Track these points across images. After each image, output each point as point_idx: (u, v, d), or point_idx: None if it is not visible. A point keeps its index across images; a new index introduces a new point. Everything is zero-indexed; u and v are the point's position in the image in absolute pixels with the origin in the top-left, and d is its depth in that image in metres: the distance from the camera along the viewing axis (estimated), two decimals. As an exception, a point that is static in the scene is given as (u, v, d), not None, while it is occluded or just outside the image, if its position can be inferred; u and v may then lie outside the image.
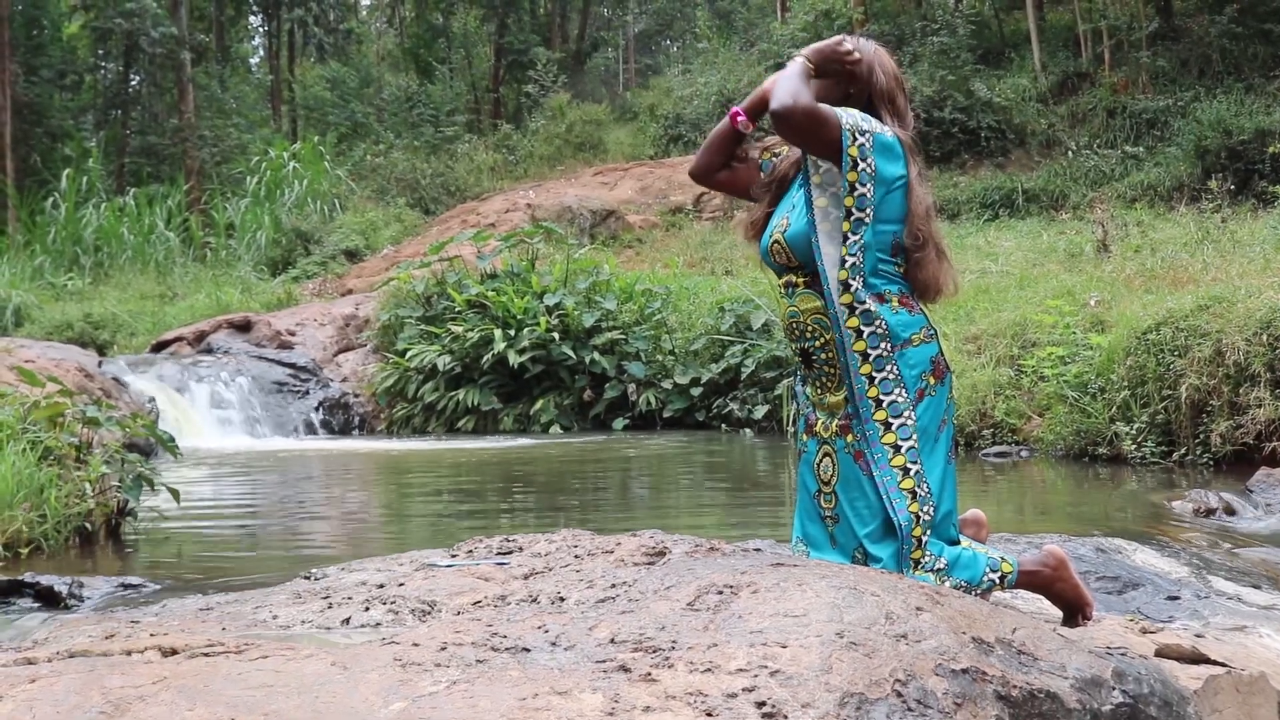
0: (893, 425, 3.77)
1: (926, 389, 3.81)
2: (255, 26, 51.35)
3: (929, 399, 3.82)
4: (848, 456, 3.81)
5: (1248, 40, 25.55)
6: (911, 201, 3.83)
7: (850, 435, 3.80)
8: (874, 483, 3.77)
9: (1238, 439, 9.47)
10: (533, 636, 2.70)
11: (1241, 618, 4.37)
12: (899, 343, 3.78)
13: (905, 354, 3.79)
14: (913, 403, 3.78)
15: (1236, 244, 14.93)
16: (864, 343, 3.76)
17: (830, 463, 3.85)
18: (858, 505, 3.79)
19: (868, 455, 3.78)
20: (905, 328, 3.81)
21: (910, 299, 3.86)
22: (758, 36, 37.68)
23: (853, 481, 3.80)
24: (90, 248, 29.84)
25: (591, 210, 26.07)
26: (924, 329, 3.85)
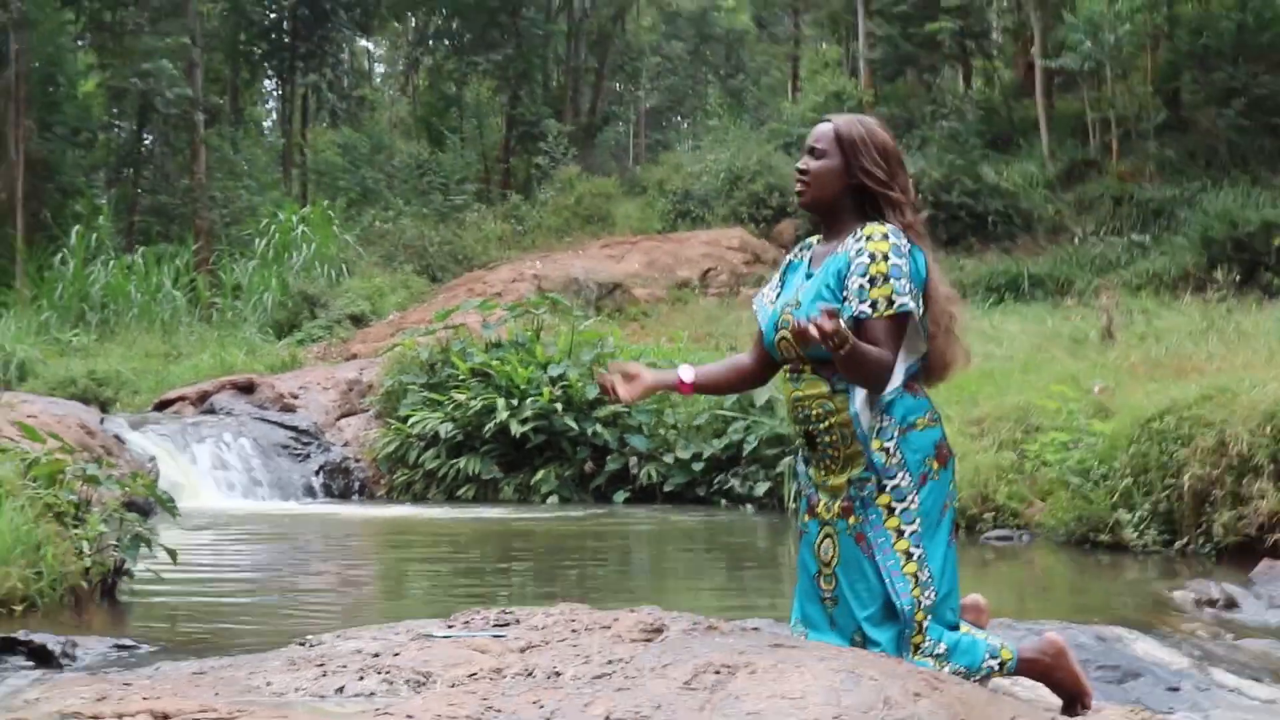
0: (896, 509, 3.76)
1: (929, 473, 3.80)
2: (269, 90, 51.67)
3: (932, 483, 3.81)
4: (849, 539, 3.79)
5: (1254, 134, 25.73)
6: (931, 289, 3.86)
7: (853, 517, 3.79)
8: (875, 566, 3.75)
9: (1240, 530, 9.43)
10: (527, 711, 2.68)
11: (1243, 711, 4.34)
12: (904, 426, 3.78)
13: (909, 438, 3.78)
14: (916, 487, 3.77)
15: (1241, 335, 14.95)
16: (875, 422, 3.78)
17: (831, 544, 3.83)
18: (858, 588, 3.77)
19: (870, 538, 3.77)
20: (911, 412, 3.81)
21: (915, 382, 3.87)
22: (768, 115, 37.98)
23: (854, 564, 3.78)
24: (97, 304, 29.85)
25: (598, 282, 26.12)
26: (928, 413, 3.85)
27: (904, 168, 4.02)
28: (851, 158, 3.93)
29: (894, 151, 4.00)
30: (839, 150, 3.94)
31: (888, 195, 3.91)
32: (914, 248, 3.86)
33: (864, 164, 3.92)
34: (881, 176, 3.91)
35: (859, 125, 4.00)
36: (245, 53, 44.21)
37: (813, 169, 3.98)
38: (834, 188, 3.95)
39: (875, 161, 3.92)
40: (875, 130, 4.00)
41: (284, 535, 12.44)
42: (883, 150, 3.95)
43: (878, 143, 3.95)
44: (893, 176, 3.94)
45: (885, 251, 3.77)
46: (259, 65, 45.89)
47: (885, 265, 3.74)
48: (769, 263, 27.69)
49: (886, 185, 3.92)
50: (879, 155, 3.93)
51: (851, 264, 3.81)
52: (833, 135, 3.98)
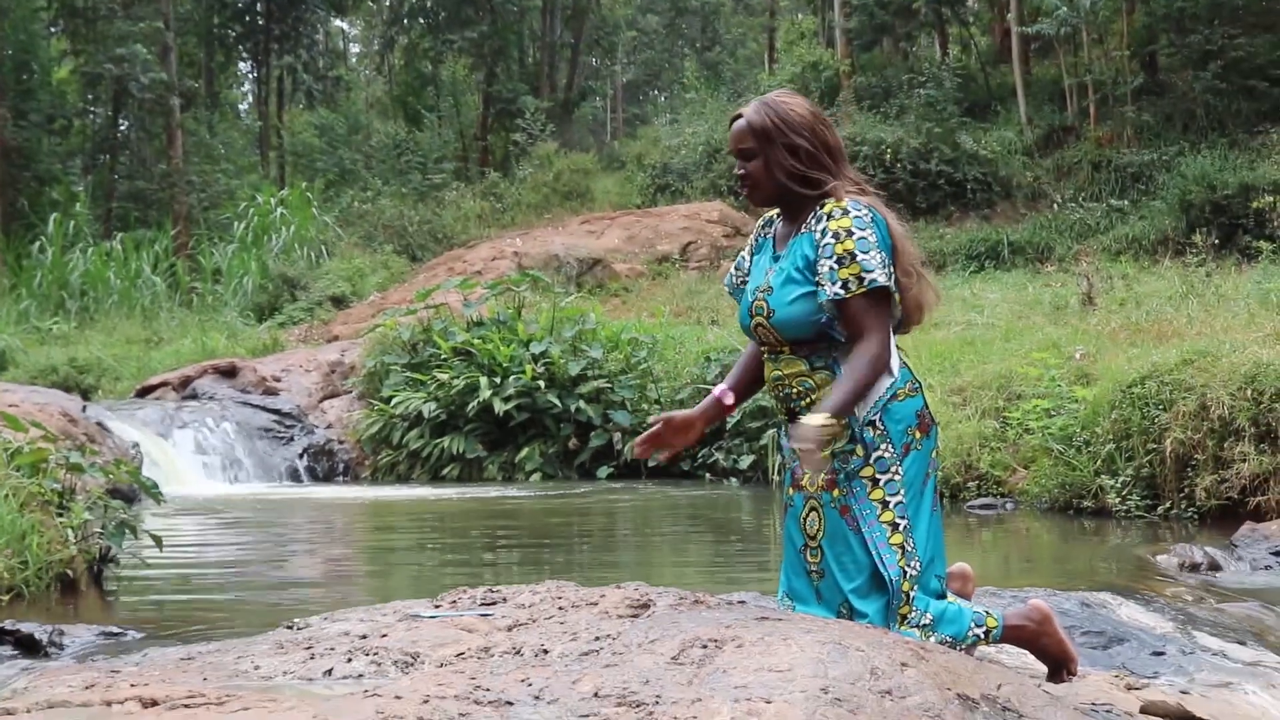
0: (880, 481, 3.77)
1: (912, 443, 3.81)
2: (245, 73, 51.50)
3: (915, 453, 3.81)
4: (834, 511, 3.79)
5: (1231, 96, 25.76)
6: (895, 243, 3.84)
7: (837, 490, 3.79)
8: (861, 538, 3.76)
9: (1222, 493, 9.48)
10: (516, 689, 2.69)
11: (1226, 674, 4.36)
12: (886, 398, 3.78)
13: (891, 409, 3.78)
14: (899, 457, 3.78)
15: (1221, 298, 14.99)
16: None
17: (817, 517, 3.83)
18: (844, 560, 3.78)
19: (854, 510, 3.77)
20: (888, 386, 3.81)
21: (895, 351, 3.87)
22: (745, 87, 37.88)
23: (839, 536, 3.78)
24: (76, 292, 29.77)
25: (578, 259, 26.10)
26: (909, 383, 3.85)
27: (830, 128, 3.94)
28: (772, 148, 3.87)
29: (811, 121, 3.90)
30: (763, 144, 3.88)
31: (822, 166, 3.87)
32: (874, 214, 3.82)
33: (785, 149, 3.86)
34: (808, 151, 3.85)
35: (769, 111, 3.89)
36: (219, 35, 44.07)
37: (749, 171, 3.95)
38: (774, 180, 3.91)
39: (795, 143, 3.85)
40: (787, 110, 3.90)
41: (269, 519, 12.43)
42: (800, 125, 3.87)
43: (792, 121, 3.87)
44: (821, 146, 3.88)
45: (848, 228, 3.74)
46: (233, 48, 45.77)
47: (851, 242, 3.71)
48: (749, 235, 27.64)
49: (815, 160, 3.86)
50: (797, 133, 3.85)
51: (818, 245, 3.78)
52: (749, 131, 3.91)
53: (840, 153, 3.93)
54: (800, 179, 3.87)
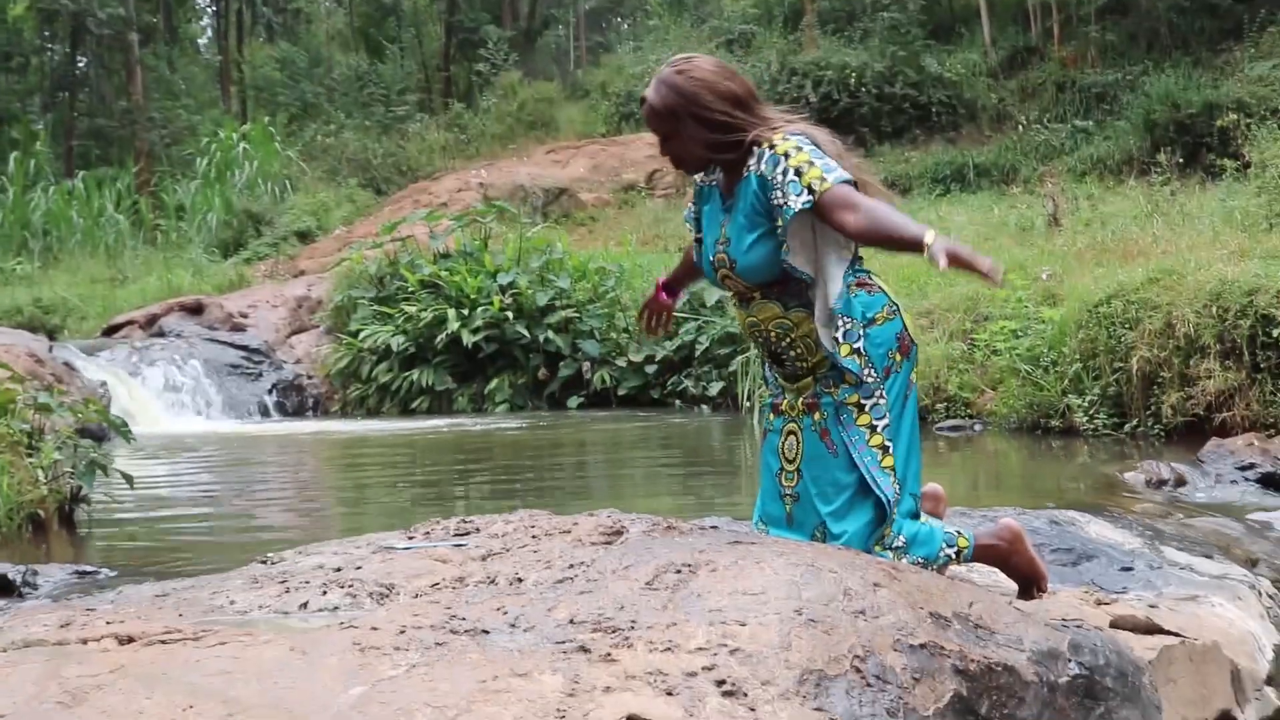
0: (865, 406, 3.76)
1: (893, 366, 3.81)
2: (203, 6, 50.95)
3: (895, 375, 3.81)
4: (814, 434, 3.80)
5: (1195, 14, 25.75)
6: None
7: (817, 414, 3.79)
8: (839, 460, 3.76)
9: (1188, 410, 9.55)
10: (492, 618, 2.70)
11: (1194, 587, 4.40)
12: (865, 323, 3.78)
13: (870, 334, 3.77)
14: (881, 380, 3.78)
15: (1185, 217, 15.03)
16: (830, 339, 3.76)
17: (796, 440, 3.84)
18: (821, 482, 3.78)
19: (835, 435, 3.78)
20: (869, 308, 3.79)
21: (868, 279, 3.85)
22: (708, 13, 37.64)
23: (817, 459, 3.79)
24: (39, 232, 29.58)
25: (544, 189, 26.02)
26: (886, 307, 3.83)
27: (735, 78, 3.83)
28: (682, 124, 3.77)
29: (713, 81, 3.77)
30: (674, 123, 3.78)
31: (738, 124, 3.77)
32: (809, 137, 3.76)
33: (696, 121, 3.75)
34: (719, 113, 3.74)
35: (668, 89, 3.77)
36: (177, -32, 43.54)
37: (671, 153, 3.88)
38: (698, 152, 3.84)
39: (703, 113, 3.74)
40: (686, 80, 3.76)
41: (239, 455, 12.43)
42: (702, 91, 3.74)
43: (693, 91, 3.74)
44: (731, 102, 3.76)
45: (794, 146, 3.68)
46: (191, -19, 45.22)
47: (802, 155, 3.64)
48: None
49: (729, 120, 3.76)
50: (702, 102, 3.73)
51: (768, 179, 3.69)
52: (655, 114, 3.80)
53: (753, 98, 3.82)
54: (721, 145, 3.79)
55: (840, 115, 27.15)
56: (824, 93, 27.08)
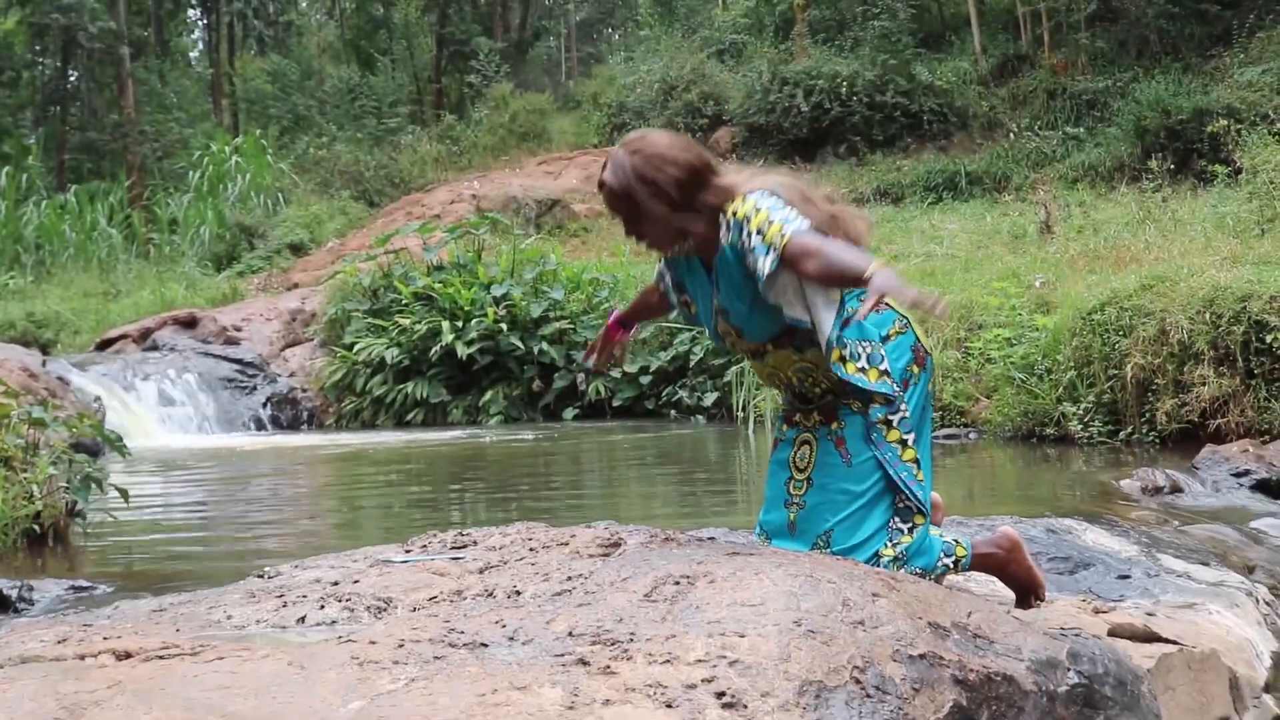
0: (894, 421, 3.77)
1: (911, 378, 3.82)
2: (194, 20, 50.93)
3: (914, 386, 3.83)
4: (829, 442, 3.78)
5: (1184, 20, 25.77)
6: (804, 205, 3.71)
7: (835, 422, 3.79)
8: (854, 471, 3.75)
9: (1183, 417, 9.56)
10: (490, 632, 2.70)
11: (1191, 595, 4.41)
12: (882, 340, 3.79)
13: (887, 349, 3.79)
14: (901, 393, 3.79)
15: (1177, 223, 15.06)
16: (854, 364, 3.75)
17: (809, 449, 3.83)
18: (831, 491, 3.76)
19: (851, 445, 3.77)
20: (880, 326, 3.81)
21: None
22: (699, 24, 37.69)
23: (830, 468, 3.78)
24: (31, 246, 29.55)
25: (537, 200, 26.02)
26: (896, 321, 3.84)
27: (691, 148, 3.75)
28: (644, 204, 3.69)
29: (668, 156, 3.69)
30: (635, 204, 3.70)
31: (697, 196, 3.71)
32: (764, 193, 3.67)
33: (656, 199, 3.67)
34: (678, 187, 3.67)
35: (623, 173, 3.68)
36: (167, -18, 43.54)
37: (638, 234, 3.82)
38: (665, 230, 3.77)
39: (662, 190, 3.66)
40: (640, 162, 3.68)
41: (234, 469, 12.41)
42: (658, 168, 3.66)
43: (649, 172, 3.66)
44: (689, 174, 3.69)
45: (753, 207, 3.61)
46: (182, -6, 45.21)
47: (761, 214, 3.58)
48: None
49: (689, 192, 3.70)
50: (657, 183, 3.66)
51: (738, 248, 3.64)
52: (615, 198, 3.72)
53: (710, 168, 3.75)
54: (686, 219, 3.73)
55: (832, 124, 27.20)
56: (815, 102, 27.12)
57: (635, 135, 3.82)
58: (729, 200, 3.69)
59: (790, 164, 27.31)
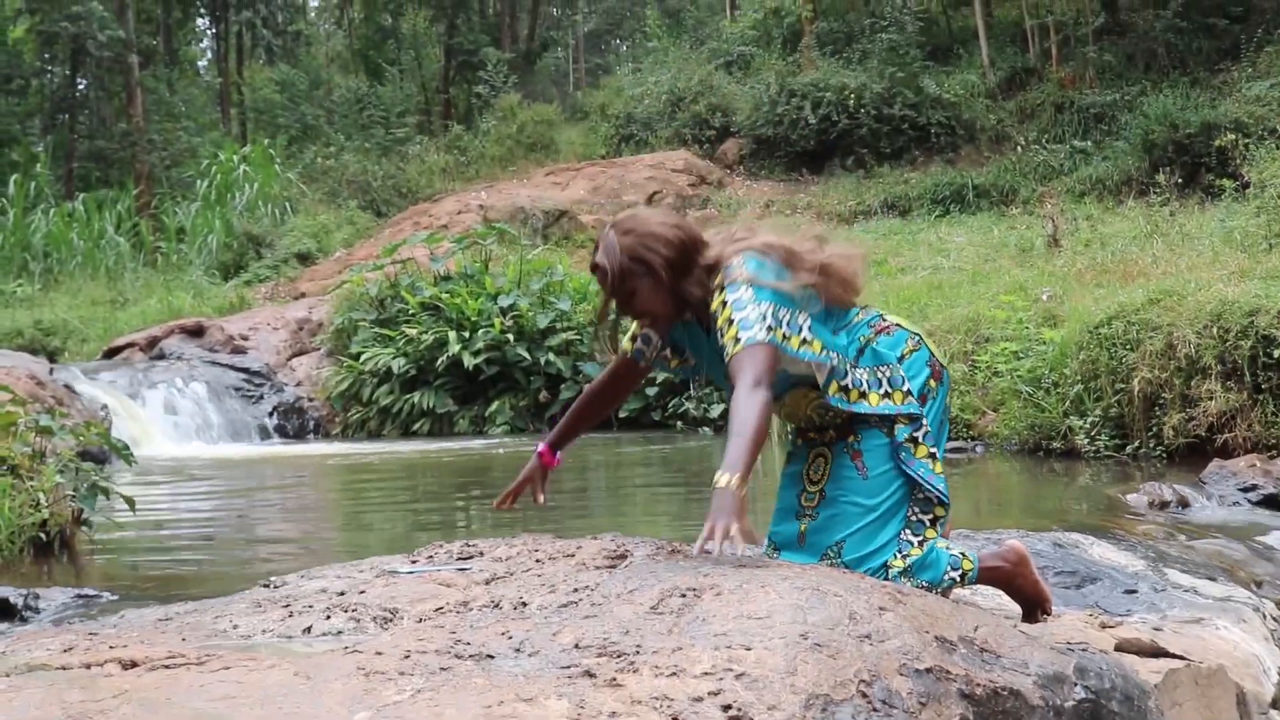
0: (919, 438, 3.80)
1: (929, 393, 3.84)
2: (203, 29, 51.04)
3: (932, 401, 3.85)
4: (845, 455, 3.81)
5: (1192, 34, 25.78)
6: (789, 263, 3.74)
7: (852, 436, 3.80)
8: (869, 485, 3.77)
9: (1190, 431, 9.55)
10: (496, 643, 2.69)
11: (1198, 610, 4.40)
12: (894, 362, 3.81)
13: (905, 367, 3.82)
14: (921, 407, 3.81)
15: (1185, 237, 15.06)
16: (877, 394, 3.79)
17: (824, 462, 3.85)
18: (843, 503, 3.78)
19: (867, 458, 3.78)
20: (893, 348, 3.83)
21: (881, 321, 3.88)
22: (707, 35, 37.73)
23: (845, 480, 3.79)
24: (39, 254, 29.58)
25: (544, 211, 26.04)
26: (908, 340, 3.86)
27: (680, 224, 3.79)
28: (639, 282, 3.71)
29: (658, 233, 3.72)
30: (622, 284, 3.73)
31: (689, 267, 3.73)
32: (748, 259, 3.69)
33: (651, 277, 3.71)
34: (670, 264, 3.70)
35: (620, 250, 3.71)
36: (176, -9, 43.64)
37: (636, 313, 3.86)
38: (664, 306, 3.79)
39: (654, 268, 3.69)
40: (636, 240, 3.71)
41: (241, 478, 12.42)
42: (650, 248, 3.69)
43: (641, 252, 3.69)
44: (679, 250, 3.72)
45: (724, 300, 3.61)
46: (191, 4, 45.36)
47: (727, 308, 3.59)
48: (714, 184, 27.67)
49: (682, 266, 3.72)
50: (650, 261, 3.69)
51: (718, 323, 3.64)
52: (610, 280, 3.74)
53: (698, 241, 3.78)
54: (680, 289, 3.74)
55: (839, 136, 27.22)
56: (823, 114, 27.15)
57: (625, 215, 3.84)
58: (717, 270, 3.71)
59: (798, 176, 27.39)
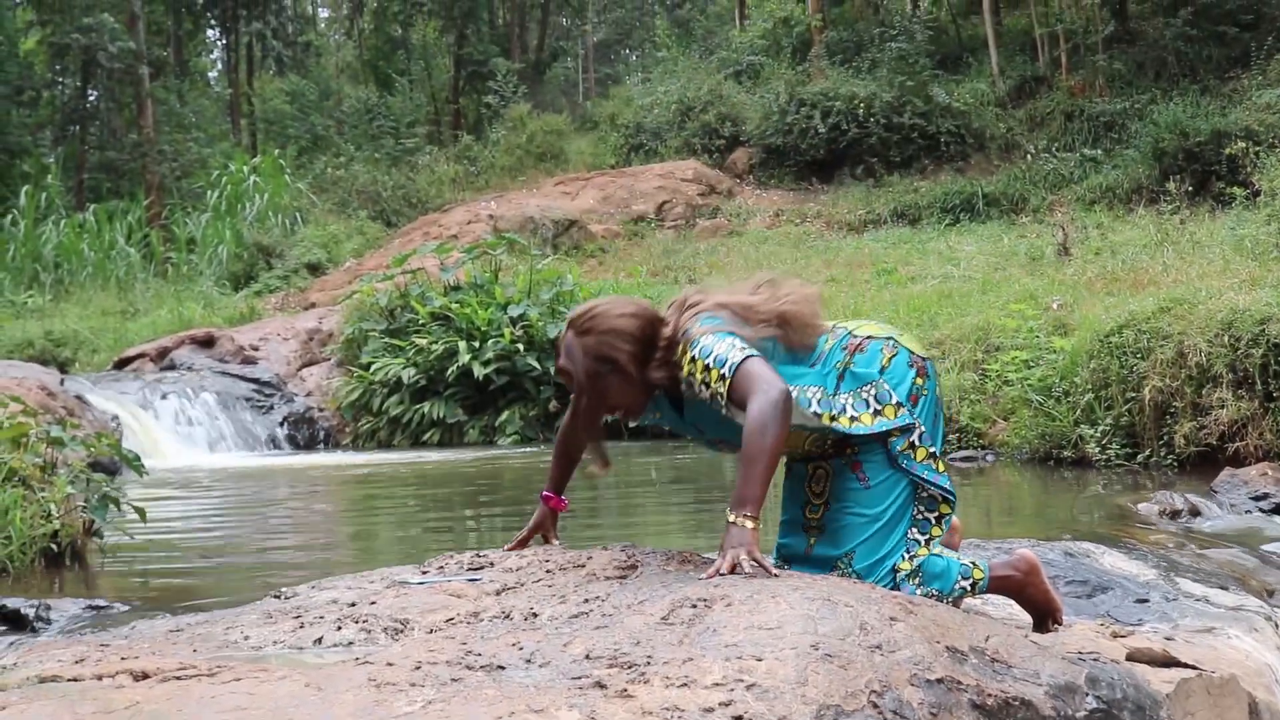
0: (916, 441, 3.80)
1: (917, 390, 3.84)
2: (213, 40, 51.21)
3: (923, 399, 3.84)
4: (845, 466, 3.81)
5: (1202, 43, 25.77)
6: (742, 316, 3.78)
7: (850, 448, 3.81)
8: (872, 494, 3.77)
9: (1201, 440, 9.52)
10: (507, 654, 2.69)
11: (1210, 619, 4.39)
12: (877, 378, 3.80)
13: (887, 378, 3.81)
14: (913, 409, 3.81)
15: (1195, 245, 15.04)
16: (869, 414, 3.79)
17: (824, 474, 3.85)
18: (848, 515, 3.79)
19: (866, 468, 3.79)
20: (870, 364, 3.82)
21: (851, 338, 3.87)
22: (716, 45, 37.81)
23: (848, 492, 3.80)
24: (50, 265, 29.63)
25: (554, 220, 26.07)
26: (883, 349, 3.85)
27: (637, 315, 3.79)
28: (605, 381, 3.76)
29: (622, 327, 3.74)
30: (594, 385, 3.77)
31: (651, 355, 3.76)
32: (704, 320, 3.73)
33: (617, 374, 3.75)
34: (629, 359, 3.73)
35: (582, 352, 3.75)
36: (187, 3, 43.82)
37: (611, 407, 3.90)
38: (636, 397, 3.84)
39: (619, 364, 3.73)
40: (596, 340, 3.74)
41: (251, 488, 12.42)
42: (610, 345, 3.73)
43: (603, 352, 3.73)
44: (647, 337, 3.76)
45: (693, 357, 3.64)
46: (201, 15, 45.49)
47: (698, 362, 3.62)
48: (724, 193, 27.69)
49: (643, 358, 3.76)
50: (613, 360, 3.73)
51: (700, 395, 3.67)
52: (577, 382, 3.79)
53: (656, 321, 3.81)
54: (647, 374, 3.77)
55: (849, 145, 27.24)
56: (832, 123, 27.18)
57: (580, 312, 3.84)
58: (679, 345, 3.73)
59: (807, 185, 27.41)
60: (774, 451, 3.42)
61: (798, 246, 22.99)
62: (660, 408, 3.98)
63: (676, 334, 3.74)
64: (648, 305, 3.88)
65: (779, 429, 3.42)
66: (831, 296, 16.25)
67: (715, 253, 23.00)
